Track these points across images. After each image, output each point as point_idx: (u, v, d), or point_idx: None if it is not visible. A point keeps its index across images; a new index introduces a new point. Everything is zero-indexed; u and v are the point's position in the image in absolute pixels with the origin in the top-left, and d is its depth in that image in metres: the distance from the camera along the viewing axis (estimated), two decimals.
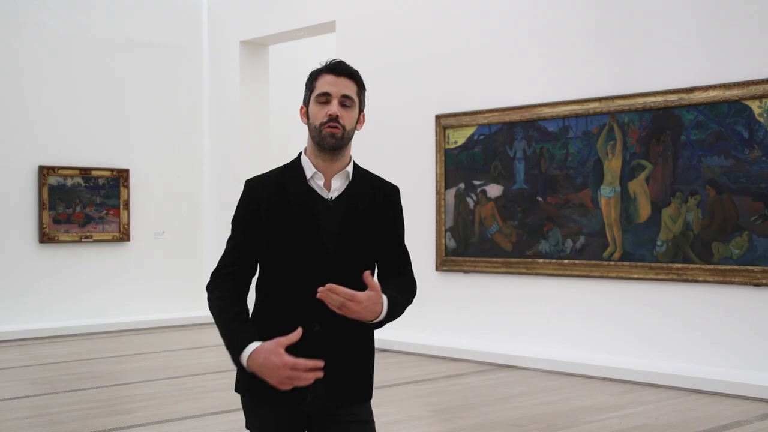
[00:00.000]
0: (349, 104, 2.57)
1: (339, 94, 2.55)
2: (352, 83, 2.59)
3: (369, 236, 2.60)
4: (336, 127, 2.53)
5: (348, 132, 2.56)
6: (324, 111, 2.54)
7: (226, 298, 2.55)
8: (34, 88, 10.21)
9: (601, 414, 5.98)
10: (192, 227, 11.51)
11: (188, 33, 11.53)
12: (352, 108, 2.58)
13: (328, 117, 2.53)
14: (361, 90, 2.63)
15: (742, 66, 6.81)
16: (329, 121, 2.53)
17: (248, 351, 2.42)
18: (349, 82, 2.58)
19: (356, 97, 2.59)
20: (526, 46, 8.24)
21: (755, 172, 6.71)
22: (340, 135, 2.54)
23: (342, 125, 2.54)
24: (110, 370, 7.91)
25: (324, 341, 2.53)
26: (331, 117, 2.53)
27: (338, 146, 2.55)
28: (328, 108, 2.54)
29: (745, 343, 6.76)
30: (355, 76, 2.59)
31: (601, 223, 7.60)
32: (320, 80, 2.57)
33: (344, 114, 2.55)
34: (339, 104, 2.55)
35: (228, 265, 2.60)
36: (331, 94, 2.55)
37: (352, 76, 2.59)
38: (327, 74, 2.57)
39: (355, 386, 2.61)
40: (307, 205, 2.56)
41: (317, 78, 2.59)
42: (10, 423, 5.82)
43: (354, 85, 2.59)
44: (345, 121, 2.55)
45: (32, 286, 10.13)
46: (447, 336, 8.64)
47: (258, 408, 2.60)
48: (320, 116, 2.54)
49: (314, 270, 2.53)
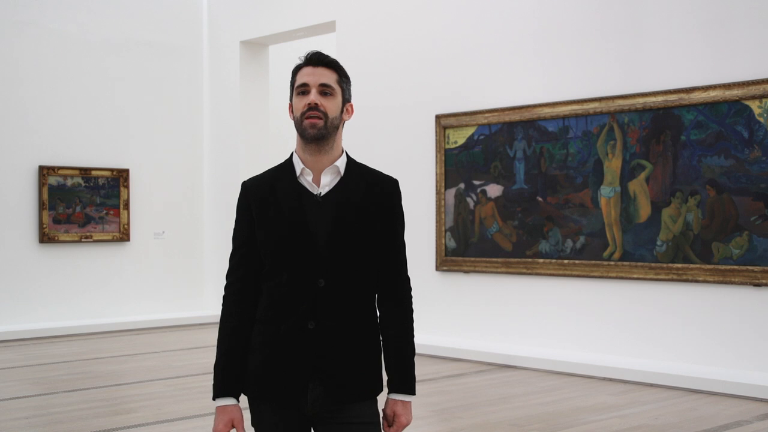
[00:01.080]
0: (330, 92, 2.55)
1: (317, 83, 2.54)
2: (331, 72, 2.57)
3: (363, 231, 2.57)
4: (317, 117, 2.52)
5: (331, 120, 2.54)
6: (303, 101, 2.54)
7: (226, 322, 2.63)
8: (34, 89, 10.21)
9: (601, 414, 5.98)
10: (192, 227, 11.51)
11: (188, 33, 11.53)
12: (333, 96, 2.56)
13: (307, 107, 2.52)
14: (343, 79, 2.61)
15: (742, 66, 6.81)
16: (308, 110, 2.52)
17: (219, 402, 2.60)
18: (327, 71, 2.56)
19: (337, 85, 2.57)
20: (526, 46, 8.24)
21: (755, 172, 6.71)
22: (322, 124, 2.52)
23: (323, 113, 2.52)
24: (110, 370, 7.91)
25: (319, 339, 2.53)
26: (310, 106, 2.52)
27: (321, 136, 2.53)
28: (307, 98, 2.54)
29: (745, 343, 6.76)
30: (332, 64, 2.58)
31: (601, 223, 7.60)
32: (299, 73, 2.58)
33: (325, 102, 2.53)
34: (318, 93, 2.54)
35: (233, 269, 2.64)
36: (309, 83, 2.54)
37: (330, 65, 2.57)
38: (305, 66, 2.58)
39: (356, 385, 2.58)
40: (296, 201, 2.56)
41: (297, 72, 2.59)
42: (10, 423, 5.82)
43: (333, 73, 2.57)
44: (326, 109, 2.53)
45: (32, 286, 10.13)
46: (447, 336, 8.64)
47: (261, 409, 2.60)
48: (300, 107, 2.54)
49: (307, 267, 2.53)
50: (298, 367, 2.53)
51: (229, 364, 2.60)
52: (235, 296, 2.62)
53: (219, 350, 2.63)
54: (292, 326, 2.53)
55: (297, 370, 2.53)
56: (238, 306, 2.61)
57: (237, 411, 2.59)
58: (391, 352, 2.66)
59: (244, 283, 2.61)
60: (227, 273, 2.66)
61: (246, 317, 2.61)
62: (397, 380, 2.66)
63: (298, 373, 2.53)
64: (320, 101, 2.52)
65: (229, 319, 2.62)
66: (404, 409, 2.65)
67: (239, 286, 2.62)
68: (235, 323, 2.61)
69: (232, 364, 2.60)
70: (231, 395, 2.59)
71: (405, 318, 2.67)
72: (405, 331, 2.67)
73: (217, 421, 2.59)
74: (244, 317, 2.61)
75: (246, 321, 2.61)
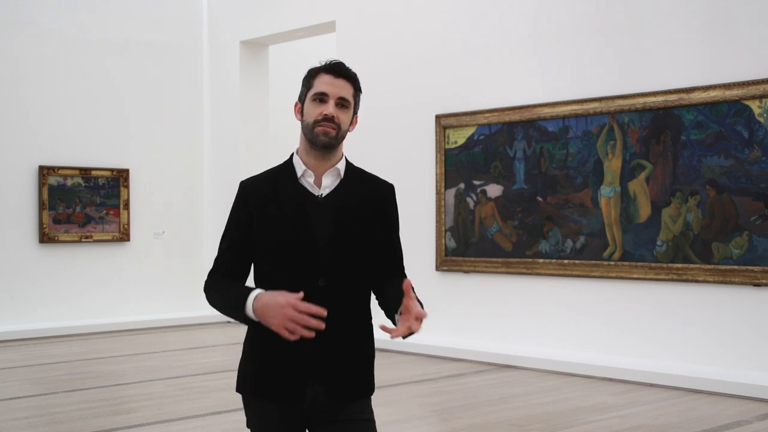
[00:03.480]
0: (346, 105, 2.59)
1: (336, 95, 2.57)
2: (350, 85, 2.61)
3: (362, 232, 2.60)
4: (331, 127, 2.55)
5: (342, 132, 2.59)
6: (319, 110, 2.56)
7: (222, 285, 2.59)
8: (34, 89, 10.21)
9: (601, 414, 5.98)
10: (192, 227, 11.51)
11: (188, 33, 11.53)
12: (348, 109, 2.60)
13: (323, 116, 2.55)
14: (357, 93, 2.66)
15: (742, 66, 6.81)
16: (324, 120, 2.55)
17: (253, 295, 2.46)
18: (347, 84, 2.60)
19: (352, 99, 2.62)
20: (526, 46, 8.24)
21: (755, 172, 6.71)
22: (335, 135, 2.56)
23: (337, 125, 2.56)
24: (110, 370, 7.91)
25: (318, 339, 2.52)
26: (326, 117, 2.55)
27: (330, 145, 2.57)
28: (324, 108, 2.55)
29: (745, 343, 6.77)
30: (353, 78, 2.62)
31: (601, 223, 7.60)
32: (318, 79, 2.59)
33: (340, 115, 2.57)
34: (335, 105, 2.56)
35: (221, 266, 2.63)
36: (329, 94, 2.56)
37: (351, 78, 2.61)
38: (326, 74, 2.58)
39: (354, 383, 2.60)
40: (298, 202, 2.57)
41: (315, 76, 2.60)
42: (10, 423, 5.82)
43: (351, 87, 2.61)
44: (340, 121, 2.57)
45: (32, 286, 10.12)
46: (447, 336, 8.64)
47: (258, 407, 2.61)
48: (314, 114, 2.56)
49: (308, 267, 2.54)
50: (297, 367, 2.54)
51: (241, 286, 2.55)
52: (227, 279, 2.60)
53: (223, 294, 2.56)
54: None
55: (296, 369, 2.54)
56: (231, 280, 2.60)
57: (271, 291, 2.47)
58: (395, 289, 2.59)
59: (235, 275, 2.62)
60: (214, 265, 2.64)
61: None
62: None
63: (297, 372, 2.54)
64: (336, 113, 2.56)
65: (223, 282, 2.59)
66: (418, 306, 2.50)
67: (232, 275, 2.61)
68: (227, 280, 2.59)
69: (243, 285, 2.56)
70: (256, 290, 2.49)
71: None
72: None
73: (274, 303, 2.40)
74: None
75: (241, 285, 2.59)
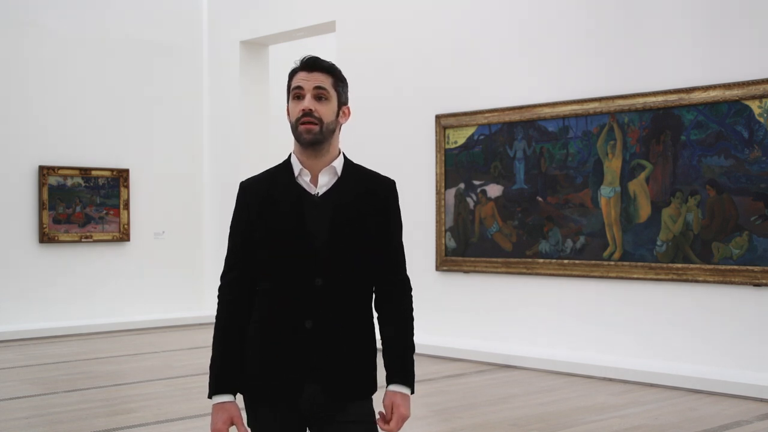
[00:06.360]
0: (325, 96, 2.54)
1: (311, 87, 2.53)
2: (326, 76, 2.55)
3: (360, 230, 2.57)
4: (311, 122, 2.51)
5: (327, 125, 2.53)
6: (299, 107, 2.53)
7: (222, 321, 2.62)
8: (34, 88, 10.21)
9: (601, 414, 5.98)
10: (192, 227, 11.51)
11: (188, 33, 11.53)
12: (328, 100, 2.54)
13: (302, 112, 2.52)
14: (339, 83, 2.59)
15: (742, 66, 6.81)
16: (303, 116, 2.51)
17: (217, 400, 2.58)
18: (322, 75, 2.55)
19: (332, 89, 2.56)
20: (526, 46, 8.24)
21: (755, 172, 6.71)
22: (317, 129, 2.51)
23: (318, 118, 2.51)
24: (110, 370, 7.91)
25: (316, 339, 2.53)
26: (305, 112, 2.51)
27: (316, 141, 2.52)
28: (301, 103, 2.53)
29: (745, 343, 6.76)
30: (328, 69, 2.56)
31: (601, 223, 7.60)
32: (295, 77, 2.57)
33: (319, 107, 2.52)
34: (313, 98, 2.52)
35: (229, 270, 2.63)
36: (304, 88, 2.53)
37: (326, 69, 2.56)
38: (301, 71, 2.56)
39: (352, 383, 2.58)
40: (294, 201, 2.56)
41: (293, 76, 2.58)
42: (10, 423, 5.82)
43: (328, 77, 2.56)
44: (321, 114, 2.52)
45: (32, 286, 10.12)
46: (447, 336, 8.64)
47: (258, 409, 2.60)
48: (295, 113, 2.54)
49: (305, 266, 2.53)
50: (295, 367, 2.53)
51: (226, 362, 2.59)
52: (231, 296, 2.61)
53: (215, 349, 2.62)
54: (289, 325, 2.53)
55: (294, 369, 2.53)
56: (233, 305, 2.61)
57: (235, 408, 2.57)
58: (391, 348, 2.65)
59: (240, 284, 2.61)
60: (222, 273, 2.66)
61: (242, 316, 2.60)
62: (396, 371, 2.63)
63: (295, 372, 2.53)
64: (315, 106, 2.51)
65: (224, 318, 2.62)
66: (403, 400, 2.61)
67: (235, 286, 2.61)
68: (231, 322, 2.60)
69: (229, 362, 2.59)
70: (228, 392, 2.58)
71: (404, 317, 2.66)
72: (404, 329, 2.66)
73: (216, 419, 2.56)
74: (240, 316, 2.60)
75: (242, 320, 2.60)
